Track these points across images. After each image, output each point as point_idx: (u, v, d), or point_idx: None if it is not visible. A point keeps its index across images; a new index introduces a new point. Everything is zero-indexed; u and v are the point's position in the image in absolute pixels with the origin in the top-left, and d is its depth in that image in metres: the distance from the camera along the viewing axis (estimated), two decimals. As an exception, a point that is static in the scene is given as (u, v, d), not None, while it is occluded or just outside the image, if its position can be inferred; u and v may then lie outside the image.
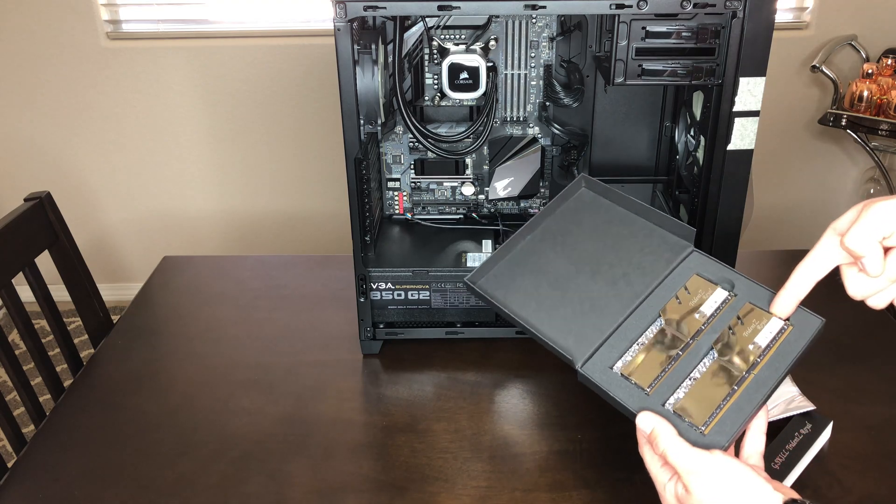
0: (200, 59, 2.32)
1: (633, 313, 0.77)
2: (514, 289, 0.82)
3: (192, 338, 1.17)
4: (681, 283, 0.78)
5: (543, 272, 0.82)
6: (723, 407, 0.68)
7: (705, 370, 0.71)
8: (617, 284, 0.79)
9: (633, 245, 0.82)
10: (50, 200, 1.22)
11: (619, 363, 0.73)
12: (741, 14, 0.88)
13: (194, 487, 0.88)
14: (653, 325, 0.75)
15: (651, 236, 0.82)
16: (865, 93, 2.12)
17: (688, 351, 0.72)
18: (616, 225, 0.84)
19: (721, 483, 0.62)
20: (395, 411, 0.99)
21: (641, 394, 0.70)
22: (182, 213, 2.55)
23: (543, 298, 0.80)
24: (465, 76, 1.04)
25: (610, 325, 0.76)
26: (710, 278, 0.77)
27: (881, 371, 1.05)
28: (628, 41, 0.93)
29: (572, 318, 0.78)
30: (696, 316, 0.75)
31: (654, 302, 0.77)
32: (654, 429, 0.66)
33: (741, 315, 0.73)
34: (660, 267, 0.79)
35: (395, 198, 1.21)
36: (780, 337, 0.71)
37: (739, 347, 0.71)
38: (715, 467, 0.63)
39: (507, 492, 0.86)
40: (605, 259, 0.82)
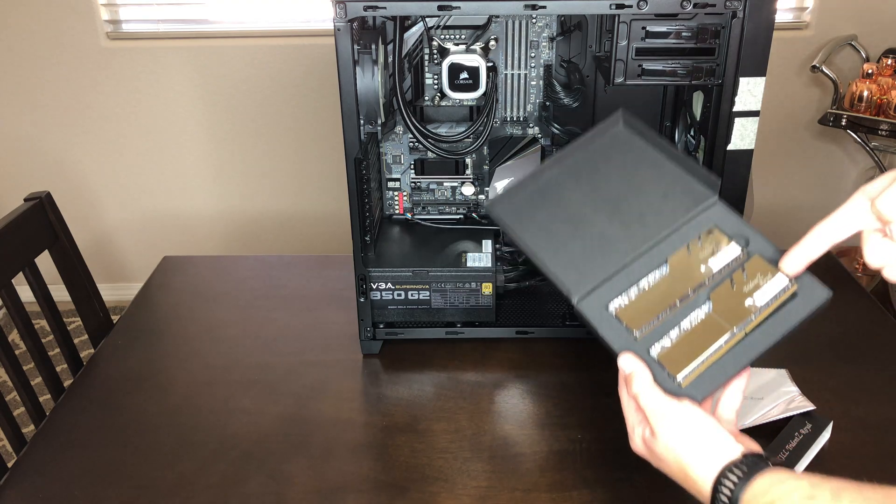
0: (200, 59, 2.32)
1: (640, 257, 0.76)
2: (530, 220, 0.81)
3: (192, 338, 1.17)
4: (695, 233, 0.76)
5: (562, 206, 0.82)
6: (705, 362, 0.68)
7: (697, 323, 0.71)
8: (631, 226, 0.78)
9: (657, 189, 0.80)
10: (50, 200, 1.22)
11: (614, 304, 0.74)
12: (741, 14, 0.88)
13: (194, 487, 0.88)
14: (657, 271, 0.75)
15: (677, 182, 0.80)
16: (865, 93, 2.11)
17: (685, 303, 0.72)
18: (645, 167, 0.82)
19: (685, 430, 0.65)
20: (395, 411, 0.99)
21: (630, 337, 0.71)
22: (182, 213, 2.55)
23: (556, 232, 0.80)
24: (465, 76, 1.04)
25: (614, 266, 0.76)
26: (727, 232, 0.75)
27: (881, 371, 1.05)
28: (628, 41, 0.93)
29: (580, 255, 0.78)
30: (701, 269, 0.74)
31: (664, 249, 0.76)
32: (633, 372, 0.69)
33: (746, 267, 0.72)
34: (679, 214, 0.77)
35: (395, 198, 1.21)
36: (779, 297, 0.69)
37: (736, 302, 0.70)
38: (681, 415, 0.65)
39: (507, 492, 0.86)
40: (626, 199, 0.80)
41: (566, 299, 0.75)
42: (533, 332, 1.10)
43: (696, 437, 0.65)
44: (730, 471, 0.62)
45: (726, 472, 0.62)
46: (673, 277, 0.74)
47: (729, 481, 0.61)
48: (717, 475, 0.62)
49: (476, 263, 1.07)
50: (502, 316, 1.12)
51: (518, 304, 1.15)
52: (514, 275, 1.15)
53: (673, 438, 0.65)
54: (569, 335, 1.10)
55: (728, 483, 0.61)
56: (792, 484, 0.58)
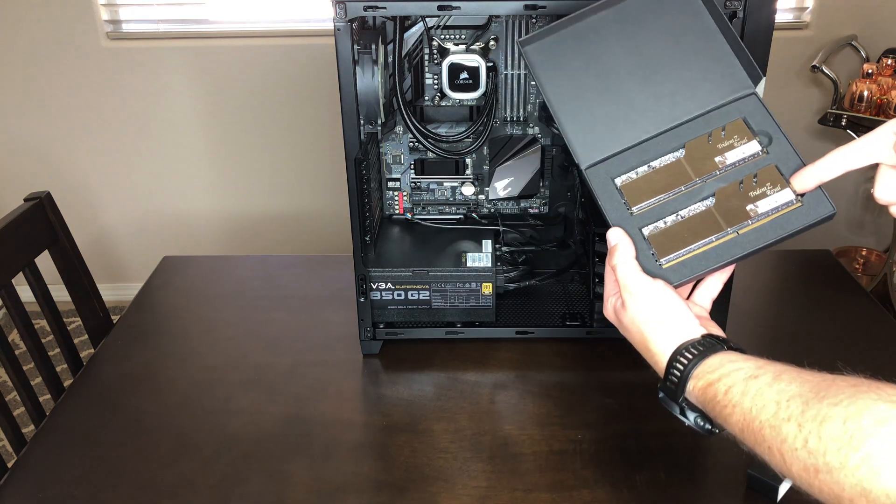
0: (200, 59, 2.32)
1: (659, 135, 0.75)
2: (560, 68, 0.78)
3: (192, 338, 1.17)
4: (721, 122, 0.74)
5: (596, 58, 0.78)
6: (692, 251, 0.70)
7: (695, 214, 0.72)
8: (661, 100, 0.76)
9: (699, 65, 0.77)
10: (50, 200, 1.22)
11: (621, 178, 0.74)
12: (741, 14, 0.88)
13: (194, 487, 0.88)
14: (672, 153, 0.74)
15: (720, 62, 0.76)
16: (865, 93, 2.11)
17: (690, 190, 0.72)
18: (695, 35, 0.77)
19: (652, 306, 0.68)
20: (395, 411, 0.99)
21: (626, 212, 0.72)
22: (182, 213, 2.55)
23: (583, 87, 0.77)
24: (465, 76, 1.04)
25: (631, 140, 0.75)
26: (753, 127, 0.73)
27: (881, 371, 1.05)
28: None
29: (600, 121, 0.76)
30: (716, 159, 0.73)
31: (685, 132, 0.75)
32: (617, 244, 0.71)
33: (758, 174, 0.71)
34: (712, 98, 0.75)
35: (395, 198, 1.21)
36: (781, 210, 0.69)
37: (738, 204, 0.71)
38: (652, 292, 0.68)
39: (507, 492, 0.86)
40: (663, 69, 0.77)
41: (571, 299, 0.75)
42: (533, 332, 1.10)
43: (661, 314, 0.68)
44: (686, 349, 0.65)
45: (683, 349, 0.65)
46: (686, 162, 0.73)
47: (684, 357, 0.65)
48: (674, 351, 0.65)
49: (476, 263, 1.07)
50: (502, 316, 1.12)
51: (518, 304, 1.15)
52: (514, 275, 1.15)
53: (640, 312, 0.68)
54: (569, 335, 1.10)
55: (682, 359, 0.65)
56: (740, 364, 0.61)
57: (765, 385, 0.58)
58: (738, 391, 0.59)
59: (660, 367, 0.67)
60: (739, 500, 0.84)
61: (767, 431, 0.55)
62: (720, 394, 0.60)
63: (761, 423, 0.56)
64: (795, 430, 0.53)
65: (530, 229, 1.22)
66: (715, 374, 0.62)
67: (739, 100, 0.74)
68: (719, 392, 0.60)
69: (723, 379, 0.61)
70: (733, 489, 0.85)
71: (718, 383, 0.61)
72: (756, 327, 1.14)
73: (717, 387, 0.61)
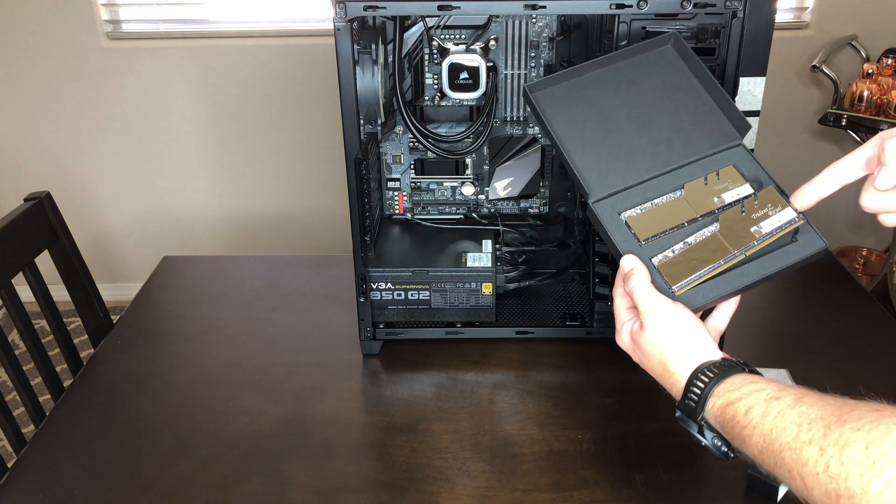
0: (200, 59, 2.32)
1: (659, 176, 0.79)
2: (565, 112, 0.83)
3: (192, 338, 1.17)
4: (715, 167, 0.79)
5: (597, 108, 0.84)
6: (702, 277, 0.71)
7: (701, 239, 0.74)
8: (658, 146, 0.81)
9: (689, 116, 0.83)
10: (50, 200, 1.22)
11: (627, 213, 0.77)
12: (741, 14, 0.88)
13: (194, 487, 0.88)
14: (673, 192, 0.78)
15: (709, 116, 0.82)
16: (865, 93, 2.11)
17: (693, 225, 0.76)
18: (682, 92, 0.84)
19: (672, 326, 0.68)
20: (395, 411, 0.99)
21: (635, 242, 0.74)
22: (182, 213, 2.55)
23: (587, 131, 0.82)
24: (465, 76, 1.04)
25: (634, 179, 0.79)
26: (743, 173, 0.78)
27: (881, 371, 1.05)
28: (628, 41, 0.93)
29: (605, 159, 0.80)
30: (714, 199, 0.77)
31: (683, 174, 0.79)
32: (633, 268, 0.72)
33: (759, 196, 0.75)
34: (703, 146, 0.80)
35: (395, 198, 1.21)
36: (785, 228, 0.72)
37: (743, 227, 0.74)
38: (671, 313, 0.69)
39: (507, 492, 0.86)
40: (658, 118, 0.83)
41: (571, 299, 0.75)
42: (533, 332, 1.10)
43: (682, 335, 0.68)
44: (707, 368, 0.65)
45: (703, 368, 0.65)
46: (686, 202, 0.77)
47: (704, 376, 0.65)
48: (695, 369, 0.66)
49: (476, 263, 1.07)
50: (502, 316, 1.12)
51: (518, 304, 1.15)
52: (514, 275, 1.15)
53: (660, 333, 0.68)
54: (569, 335, 1.10)
55: (703, 377, 0.65)
56: (761, 385, 0.61)
57: (786, 407, 0.57)
58: (758, 412, 0.59)
59: (677, 388, 0.67)
60: (739, 500, 0.84)
61: (788, 454, 0.55)
62: (740, 414, 0.60)
63: (781, 445, 0.55)
64: (817, 454, 0.52)
65: (530, 229, 1.22)
66: (736, 394, 0.61)
67: (728, 150, 0.80)
68: (739, 412, 0.60)
69: (743, 399, 0.60)
70: (733, 489, 0.85)
71: (739, 403, 0.60)
72: (756, 327, 1.14)
73: (736, 406, 0.60)
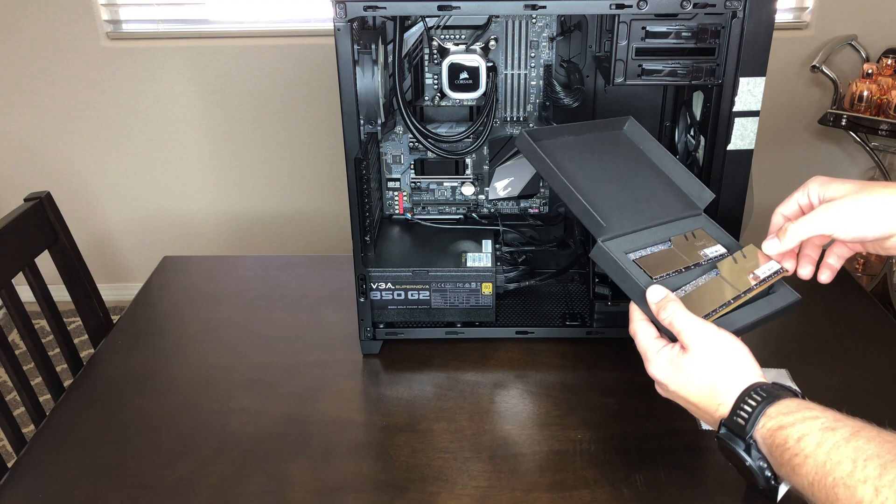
0: (200, 59, 2.32)
1: (647, 229, 0.83)
2: (564, 157, 0.87)
3: (192, 338, 1.17)
4: (690, 228, 0.85)
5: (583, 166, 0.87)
6: (718, 312, 0.73)
7: (708, 281, 0.78)
8: (640, 203, 0.85)
9: (657, 185, 0.89)
10: (50, 200, 1.22)
11: (633, 254, 0.79)
12: (741, 14, 0.88)
13: (194, 487, 0.88)
14: (662, 244, 0.82)
15: (669, 190, 0.88)
16: (865, 93, 2.11)
17: (695, 269, 0.79)
18: (643, 169, 0.90)
19: (721, 347, 0.68)
20: (395, 411, 0.99)
21: (650, 279, 0.76)
22: (182, 213, 2.55)
23: (581, 180, 0.85)
24: (465, 76, 1.04)
25: (632, 226, 0.82)
26: (713, 236, 0.84)
27: (881, 371, 1.05)
28: (628, 41, 0.93)
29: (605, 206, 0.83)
30: (700, 253, 0.81)
31: (667, 229, 0.84)
32: (665, 296, 0.72)
33: (745, 251, 0.80)
34: (674, 210, 0.86)
35: (395, 198, 1.21)
36: (773, 277, 0.77)
37: (739, 272, 0.78)
38: (718, 333, 0.69)
39: (507, 492, 0.86)
40: (632, 183, 0.88)
41: (571, 299, 0.76)
42: (533, 332, 1.10)
43: (731, 356, 0.67)
44: (760, 387, 0.64)
45: (756, 387, 0.64)
46: (677, 252, 0.81)
47: (757, 395, 0.63)
48: (748, 387, 0.64)
49: (476, 263, 1.07)
50: (502, 316, 1.12)
51: (518, 304, 1.15)
52: (514, 275, 1.15)
53: (708, 353, 0.67)
54: (569, 335, 1.10)
55: (756, 396, 0.63)
56: (817, 413, 0.60)
57: (842, 440, 0.56)
58: (812, 441, 0.57)
59: (724, 409, 0.65)
60: (739, 500, 0.84)
61: (841, 490, 0.54)
62: (791, 440, 0.58)
63: (835, 480, 0.54)
64: (872, 495, 0.51)
65: (530, 229, 1.22)
66: (789, 418, 0.60)
67: (693, 217, 0.86)
68: (790, 438, 0.59)
69: (797, 425, 0.59)
70: (733, 489, 0.85)
71: (791, 428, 0.59)
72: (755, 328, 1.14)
73: (788, 432, 0.59)
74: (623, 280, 0.77)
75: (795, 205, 0.76)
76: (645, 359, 0.72)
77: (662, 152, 0.91)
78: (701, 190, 0.88)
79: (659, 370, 0.71)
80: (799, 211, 0.76)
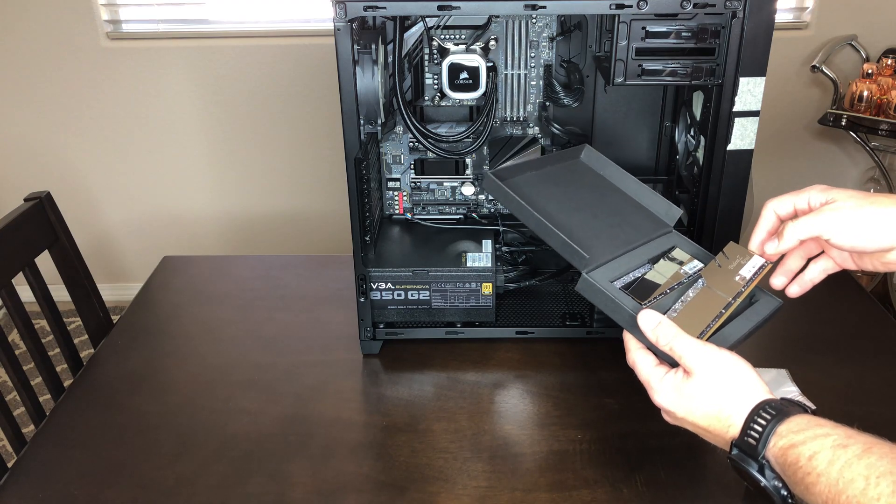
0: (200, 59, 2.32)
1: (626, 254, 0.83)
2: (532, 193, 0.87)
3: (192, 338, 1.17)
4: (666, 247, 0.85)
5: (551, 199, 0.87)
6: (711, 328, 0.72)
7: (696, 293, 0.76)
8: (613, 229, 0.86)
9: (622, 211, 0.89)
10: (50, 200, 1.22)
11: (618, 282, 0.79)
12: (741, 14, 0.88)
13: (194, 487, 0.88)
14: (643, 267, 0.82)
15: (637, 211, 0.89)
16: (865, 93, 2.11)
17: (680, 287, 0.79)
18: (608, 194, 0.91)
19: (726, 367, 0.67)
20: (395, 411, 0.99)
21: (638, 305, 0.75)
22: (182, 213, 2.55)
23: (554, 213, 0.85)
24: (465, 76, 1.04)
25: (611, 253, 0.82)
26: (687, 251, 0.85)
27: (881, 371, 1.05)
28: (628, 41, 0.93)
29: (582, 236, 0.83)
30: (680, 271, 0.81)
31: (643, 252, 0.84)
32: (661, 323, 0.70)
33: (726, 250, 0.79)
34: (646, 232, 0.86)
35: (395, 198, 1.21)
36: (760, 273, 0.76)
37: (725, 276, 0.77)
38: (720, 353, 0.67)
39: (507, 492, 0.86)
40: (601, 210, 0.88)
41: (571, 299, 0.76)
42: (533, 332, 1.10)
43: (736, 375, 0.66)
44: (769, 405, 0.63)
45: (765, 405, 0.63)
46: (659, 273, 0.81)
47: (766, 413, 0.62)
48: (756, 406, 0.63)
49: (476, 263, 1.07)
50: (502, 316, 1.12)
51: (518, 304, 1.15)
52: (514, 275, 1.15)
53: (713, 375, 0.67)
54: (569, 335, 1.10)
55: (765, 414, 0.62)
56: (828, 430, 0.59)
57: (854, 457, 0.55)
58: (824, 459, 0.56)
59: (734, 430, 0.65)
60: (739, 500, 0.84)
61: None
62: (803, 458, 0.58)
63: (848, 498, 0.54)
64: None
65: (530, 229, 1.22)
66: (800, 436, 0.59)
67: (665, 235, 0.87)
68: (802, 456, 0.58)
69: (808, 443, 0.58)
70: (733, 489, 0.85)
71: (803, 447, 0.58)
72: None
73: (800, 450, 0.58)
74: (613, 310, 0.76)
75: (791, 206, 0.75)
76: (648, 388, 0.71)
77: (623, 174, 0.92)
78: (668, 207, 0.88)
79: (664, 398, 0.69)
80: (793, 213, 0.75)
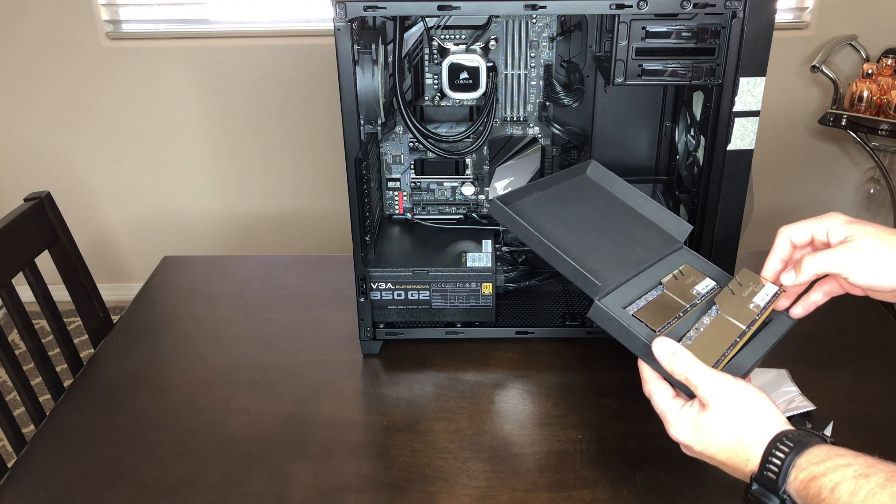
0: (200, 59, 2.32)
1: (636, 276, 0.80)
2: (539, 216, 0.85)
3: (192, 338, 1.17)
4: (677, 265, 0.83)
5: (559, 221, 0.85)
6: (727, 357, 0.71)
7: (710, 322, 0.75)
8: (623, 249, 0.83)
9: (631, 229, 0.87)
10: (50, 200, 1.22)
11: (630, 307, 0.77)
12: (741, 14, 0.88)
13: (194, 487, 0.88)
14: (654, 290, 0.80)
15: (646, 228, 0.87)
16: (865, 93, 2.11)
17: (689, 313, 0.77)
18: (617, 211, 0.89)
19: (742, 399, 0.65)
20: (395, 411, 0.99)
21: (651, 333, 0.73)
22: (182, 213, 2.55)
23: (562, 237, 0.82)
24: (465, 76, 1.04)
25: (622, 277, 0.79)
26: (699, 269, 0.83)
27: (881, 371, 1.05)
28: (628, 41, 0.93)
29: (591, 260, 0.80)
30: (692, 291, 0.79)
31: (655, 272, 0.82)
32: (676, 352, 0.69)
33: (740, 277, 0.78)
34: (657, 251, 0.84)
35: (395, 198, 1.21)
36: (773, 301, 0.75)
37: (739, 304, 0.75)
38: (736, 384, 0.66)
39: (507, 492, 0.86)
40: (610, 229, 0.86)
41: (571, 299, 0.75)
42: (533, 332, 1.10)
43: (753, 406, 0.65)
44: (787, 436, 0.62)
45: (783, 436, 0.62)
46: (671, 295, 0.79)
47: (784, 446, 0.62)
48: (774, 437, 0.63)
49: (476, 263, 1.07)
50: (502, 316, 1.12)
51: (518, 304, 1.15)
52: (514, 275, 1.15)
53: (730, 407, 0.65)
54: (569, 335, 1.10)
55: (783, 447, 0.61)
56: (849, 459, 0.58)
57: (876, 486, 0.55)
58: (846, 490, 0.56)
59: (753, 464, 0.63)
60: (739, 500, 0.84)
61: None
62: (825, 490, 0.57)
63: None
64: None
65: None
66: (821, 468, 0.58)
67: (675, 252, 0.85)
68: (824, 488, 0.57)
69: (829, 474, 0.57)
70: (733, 489, 0.85)
71: (824, 478, 0.57)
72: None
73: (822, 482, 0.57)
74: (627, 339, 0.74)
75: (808, 234, 0.73)
76: (665, 421, 0.70)
77: (630, 190, 0.90)
78: (678, 223, 0.86)
79: (681, 433, 0.68)
80: (810, 240, 0.74)
